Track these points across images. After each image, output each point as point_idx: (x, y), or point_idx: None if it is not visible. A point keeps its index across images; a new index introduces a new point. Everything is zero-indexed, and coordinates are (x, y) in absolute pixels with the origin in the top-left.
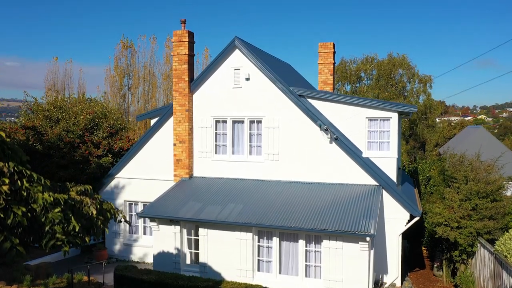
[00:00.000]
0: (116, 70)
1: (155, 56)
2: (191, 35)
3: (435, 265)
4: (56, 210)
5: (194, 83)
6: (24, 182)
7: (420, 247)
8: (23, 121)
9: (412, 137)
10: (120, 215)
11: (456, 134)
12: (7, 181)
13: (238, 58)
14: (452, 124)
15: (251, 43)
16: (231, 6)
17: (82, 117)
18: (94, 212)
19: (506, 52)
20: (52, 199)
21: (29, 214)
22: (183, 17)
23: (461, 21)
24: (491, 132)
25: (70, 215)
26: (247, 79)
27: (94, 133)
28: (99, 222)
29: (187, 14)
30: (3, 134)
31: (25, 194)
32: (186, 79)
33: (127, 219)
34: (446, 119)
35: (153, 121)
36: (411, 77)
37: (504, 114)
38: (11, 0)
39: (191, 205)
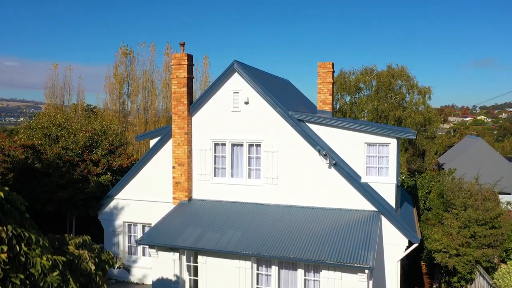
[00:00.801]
0: (116, 78)
1: (154, 64)
2: (190, 58)
3: (434, 286)
4: (55, 274)
5: (193, 106)
6: (23, 246)
7: (419, 261)
8: (22, 139)
9: (411, 145)
10: (119, 262)
11: (455, 143)
12: (5, 248)
13: (237, 82)
14: (452, 131)
15: (251, 51)
16: (232, 11)
17: (81, 134)
18: (93, 267)
19: (506, 52)
20: (50, 263)
21: (27, 281)
22: (183, 26)
23: (461, 21)
24: (491, 134)
25: (68, 276)
26: (246, 102)
27: (94, 151)
28: (98, 278)
29: (187, 22)
30: (2, 194)
31: (23, 259)
32: (185, 102)
33: (126, 242)
34: (445, 126)
35: (152, 141)
36: (410, 88)
37: (504, 115)
38: (11, 0)
39: (190, 231)
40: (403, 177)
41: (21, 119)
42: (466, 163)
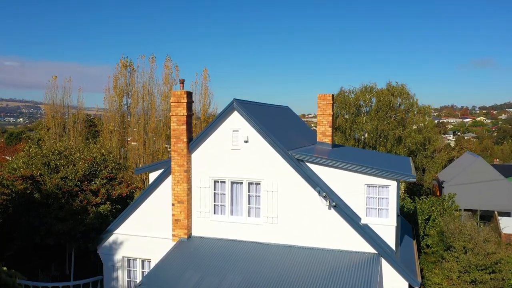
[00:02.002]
0: (115, 90)
1: (154, 76)
2: (189, 95)
3: None
4: None
5: (193, 143)
6: None
7: None
8: (22, 170)
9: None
10: None
11: (454, 157)
12: None
13: (236, 120)
14: (451, 141)
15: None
16: (232, 19)
17: (80, 163)
18: None
19: (506, 51)
20: None
21: None
22: (184, 38)
23: (460, 21)
24: (490, 136)
25: None
26: (246, 141)
27: (93, 180)
28: None
29: (187, 33)
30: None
31: None
32: (185, 140)
33: (126, 277)
34: (444, 136)
35: (151, 175)
36: (410, 107)
37: (503, 116)
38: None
39: (189, 275)
40: (403, 201)
41: (21, 119)
42: (466, 184)
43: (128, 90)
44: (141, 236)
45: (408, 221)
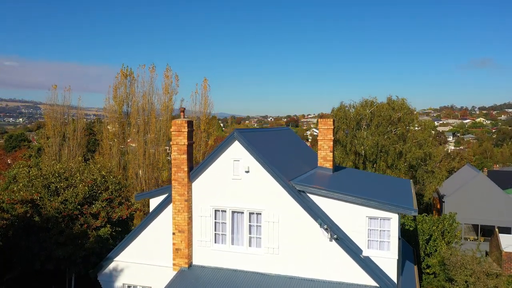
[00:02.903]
0: (115, 100)
1: (154, 85)
2: (190, 124)
3: None
4: None
5: (194, 172)
6: None
7: None
8: (22, 193)
9: (411, 178)
10: None
11: (454, 168)
12: None
13: (237, 150)
14: (450, 154)
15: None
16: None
17: (80, 186)
18: None
19: (505, 51)
20: None
21: None
22: (185, 46)
23: (460, 21)
24: (490, 138)
25: None
26: (247, 171)
27: (93, 203)
28: None
29: (188, 42)
30: None
31: None
32: (186, 169)
33: None
34: (444, 129)
35: (152, 201)
36: (411, 121)
37: (503, 117)
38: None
39: None
40: (403, 219)
41: (20, 119)
42: (466, 198)
43: (128, 99)
44: (142, 264)
45: (408, 242)
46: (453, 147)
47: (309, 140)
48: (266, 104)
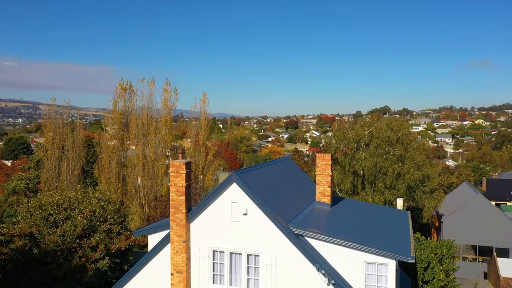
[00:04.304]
0: (115, 113)
1: (153, 99)
2: (188, 165)
3: None
4: None
5: (192, 213)
6: None
7: None
8: (21, 225)
9: (410, 199)
10: None
11: (453, 184)
12: None
13: (235, 192)
14: (450, 168)
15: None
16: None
17: (79, 218)
18: None
19: (504, 51)
20: None
21: None
22: (185, 58)
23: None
24: (488, 140)
25: None
26: (245, 214)
27: (92, 236)
28: None
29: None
30: None
31: None
32: (184, 210)
33: None
34: (444, 131)
35: (150, 237)
36: (409, 143)
37: (502, 118)
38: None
39: None
40: None
41: (19, 120)
42: (464, 219)
43: (127, 113)
44: None
45: (405, 270)
46: (451, 150)
47: (308, 142)
48: (265, 104)
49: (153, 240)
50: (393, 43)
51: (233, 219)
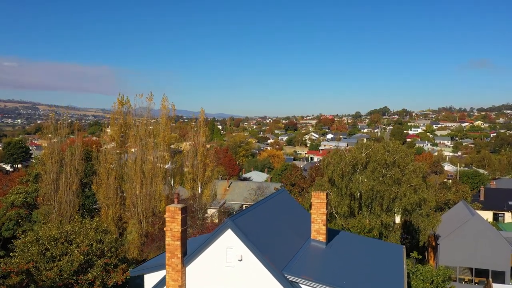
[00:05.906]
0: (113, 129)
1: (151, 114)
2: (184, 210)
3: None
4: None
5: (187, 257)
6: None
7: None
8: (17, 260)
9: (406, 222)
10: None
11: (450, 201)
12: None
13: (230, 238)
14: (447, 182)
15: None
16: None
17: (76, 252)
18: None
19: (504, 52)
20: None
21: None
22: (184, 71)
23: (459, 21)
24: (487, 143)
25: None
26: (240, 260)
27: (89, 271)
28: None
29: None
30: None
31: None
32: (179, 255)
33: None
34: (443, 133)
35: (147, 276)
36: (406, 165)
37: (501, 119)
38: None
39: None
40: None
41: (19, 120)
42: (461, 242)
43: (125, 128)
44: None
45: None
46: (450, 153)
47: (307, 145)
48: (265, 104)
49: (149, 280)
50: (393, 43)
51: (228, 265)
